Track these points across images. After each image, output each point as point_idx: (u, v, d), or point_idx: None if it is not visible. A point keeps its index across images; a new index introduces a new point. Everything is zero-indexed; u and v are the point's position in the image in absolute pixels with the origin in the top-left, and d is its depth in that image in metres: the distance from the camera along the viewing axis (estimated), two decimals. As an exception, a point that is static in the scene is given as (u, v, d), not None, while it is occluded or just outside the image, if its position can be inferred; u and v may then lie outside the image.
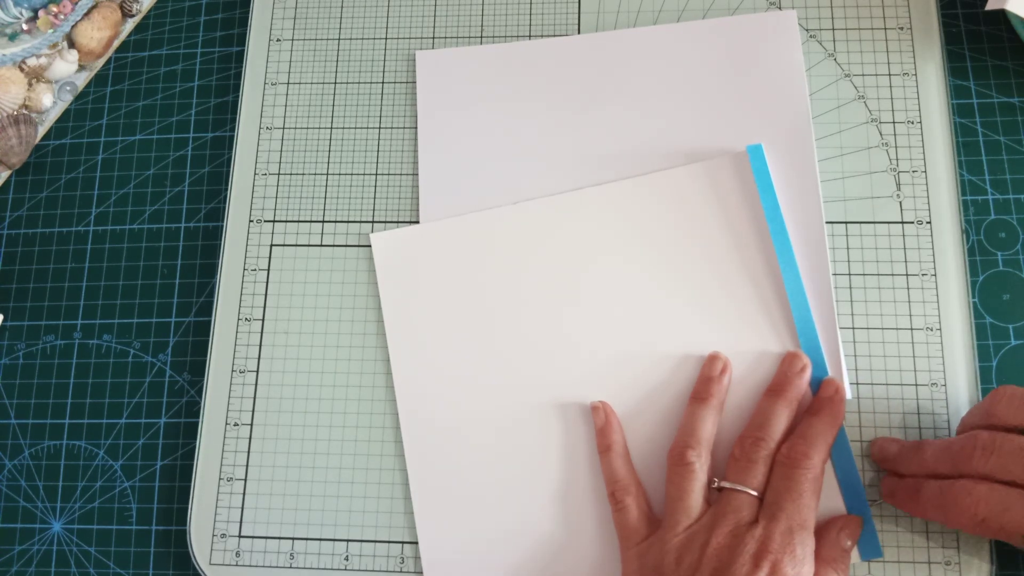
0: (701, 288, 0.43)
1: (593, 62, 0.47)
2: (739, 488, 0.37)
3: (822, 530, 0.38)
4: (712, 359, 0.41)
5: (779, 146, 0.44)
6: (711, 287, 0.43)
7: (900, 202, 0.44)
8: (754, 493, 0.37)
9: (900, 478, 0.39)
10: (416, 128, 0.48)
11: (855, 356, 0.42)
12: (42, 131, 0.52)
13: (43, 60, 0.52)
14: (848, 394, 0.41)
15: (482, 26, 0.49)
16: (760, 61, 0.46)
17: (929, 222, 0.44)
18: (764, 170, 0.43)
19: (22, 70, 0.52)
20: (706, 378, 0.41)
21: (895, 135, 0.45)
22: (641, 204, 0.44)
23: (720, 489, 0.38)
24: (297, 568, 0.42)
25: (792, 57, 0.46)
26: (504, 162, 0.46)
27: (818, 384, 0.41)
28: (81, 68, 0.53)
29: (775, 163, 0.44)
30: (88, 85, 0.52)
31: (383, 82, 0.49)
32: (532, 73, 0.48)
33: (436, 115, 0.48)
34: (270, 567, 0.43)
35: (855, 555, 0.39)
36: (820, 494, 0.37)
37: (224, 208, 0.48)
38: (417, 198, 0.47)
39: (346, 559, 0.42)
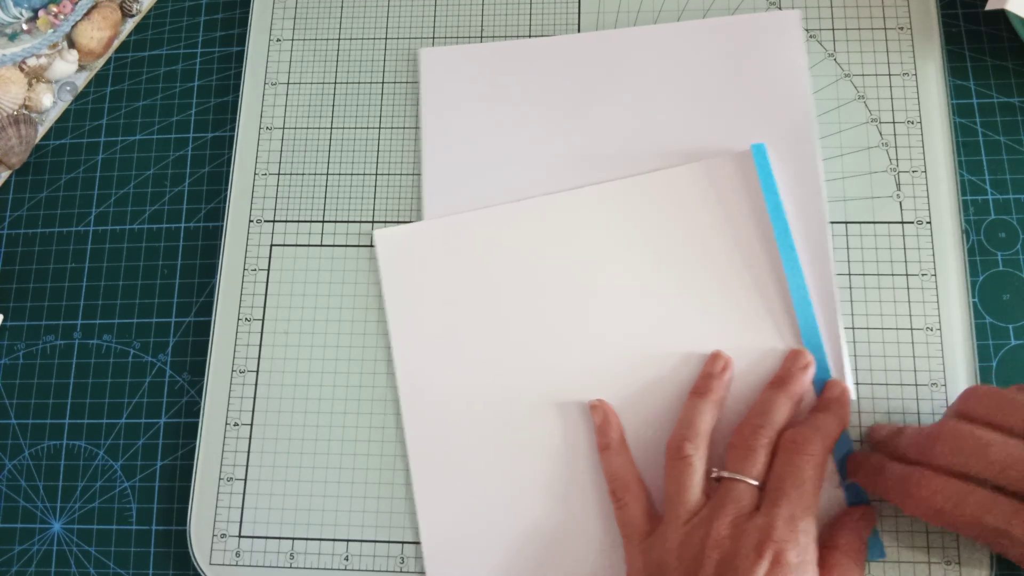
0: (703, 287, 0.43)
1: (598, 60, 0.47)
2: (738, 477, 0.37)
3: (841, 518, 0.38)
4: (714, 357, 0.41)
5: (782, 145, 0.44)
6: (713, 286, 0.43)
7: (900, 202, 0.44)
8: (754, 482, 0.36)
9: (866, 457, 0.39)
10: (416, 127, 0.48)
11: (855, 356, 0.42)
12: (42, 131, 0.52)
13: (43, 60, 0.52)
14: (852, 394, 0.41)
15: (482, 26, 0.49)
16: (764, 61, 0.46)
17: (929, 222, 0.43)
18: (767, 169, 0.43)
19: (22, 70, 0.52)
20: (707, 374, 0.41)
21: (895, 135, 0.45)
22: (644, 202, 0.44)
23: (719, 480, 0.38)
24: (297, 568, 0.42)
25: (795, 57, 0.46)
26: (507, 160, 0.46)
27: (821, 385, 0.41)
28: (81, 68, 0.53)
29: (778, 162, 0.44)
30: (88, 85, 0.52)
31: (383, 82, 0.49)
32: (536, 71, 0.48)
33: (439, 112, 0.48)
34: (270, 567, 0.43)
35: None
36: (822, 484, 0.37)
37: (224, 208, 0.48)
38: (417, 198, 0.47)
39: (346, 559, 0.42)
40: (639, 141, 0.46)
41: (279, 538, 0.43)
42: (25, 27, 0.52)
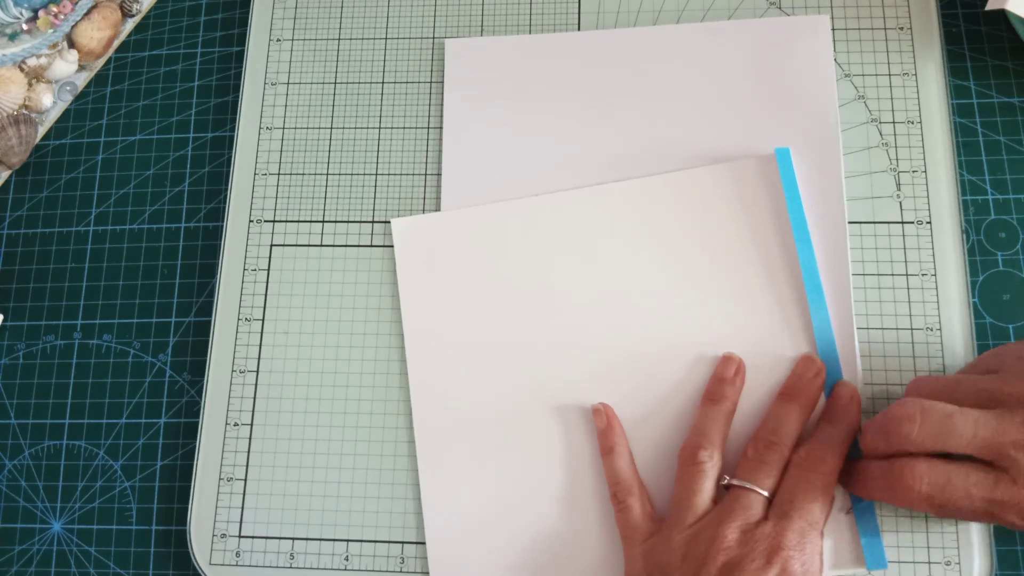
0: (719, 288, 0.43)
1: (623, 58, 0.47)
2: (748, 486, 0.37)
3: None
4: (726, 360, 0.41)
5: (807, 149, 0.44)
6: (729, 287, 0.43)
7: (900, 202, 0.44)
8: (764, 493, 0.37)
9: (850, 465, 0.39)
10: (416, 127, 0.48)
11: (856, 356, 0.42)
12: (42, 131, 0.52)
13: (43, 60, 0.52)
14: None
15: (482, 25, 0.49)
16: (791, 64, 0.46)
17: (929, 222, 0.43)
18: (791, 173, 0.43)
19: (22, 70, 0.52)
20: (719, 379, 0.41)
21: (895, 135, 0.45)
22: (664, 201, 0.44)
23: (728, 487, 0.38)
24: (297, 568, 0.42)
25: (823, 61, 0.45)
26: (528, 154, 0.46)
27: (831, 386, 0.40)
28: (81, 68, 0.53)
29: (800, 166, 0.44)
30: (88, 85, 0.52)
31: (383, 82, 0.49)
32: (561, 66, 0.48)
33: (462, 104, 0.48)
34: (270, 567, 0.43)
35: (859, 561, 0.39)
36: (832, 498, 0.37)
37: (224, 208, 0.48)
38: (417, 197, 0.47)
39: (346, 559, 0.42)
40: (662, 141, 0.46)
41: (279, 538, 0.43)
42: (25, 27, 0.52)
